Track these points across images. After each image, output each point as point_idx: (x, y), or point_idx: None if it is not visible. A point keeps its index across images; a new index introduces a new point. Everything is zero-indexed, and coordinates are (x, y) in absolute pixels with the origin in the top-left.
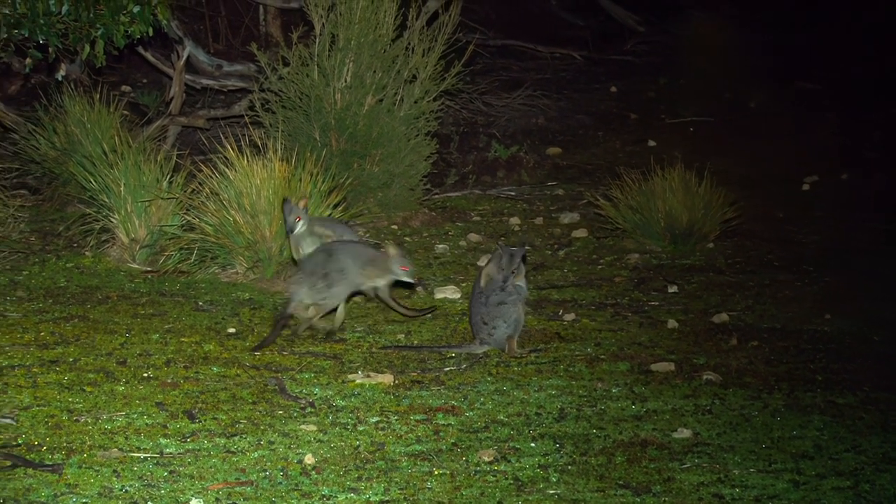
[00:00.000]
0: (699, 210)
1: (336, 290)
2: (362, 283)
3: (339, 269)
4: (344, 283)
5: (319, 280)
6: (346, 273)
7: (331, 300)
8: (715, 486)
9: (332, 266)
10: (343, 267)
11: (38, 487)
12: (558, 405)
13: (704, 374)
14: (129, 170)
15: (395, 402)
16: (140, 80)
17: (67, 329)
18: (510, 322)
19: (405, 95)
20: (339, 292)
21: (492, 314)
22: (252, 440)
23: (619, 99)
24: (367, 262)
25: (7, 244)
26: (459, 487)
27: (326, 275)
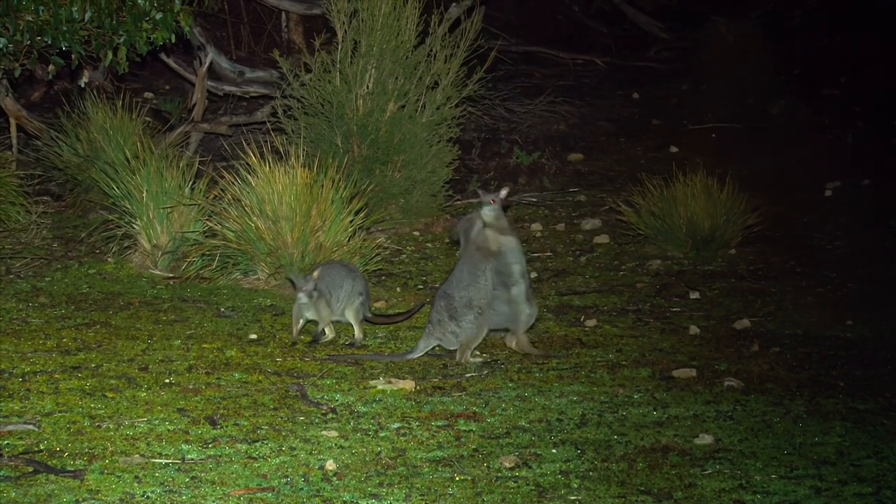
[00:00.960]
0: (721, 216)
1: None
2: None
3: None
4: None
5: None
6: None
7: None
8: (736, 493)
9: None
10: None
11: (60, 493)
12: (580, 411)
13: (726, 381)
14: (151, 176)
15: (416, 408)
16: (162, 86)
17: (89, 335)
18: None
19: (427, 102)
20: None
21: (462, 310)
22: (273, 446)
23: (642, 105)
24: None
25: (30, 250)
26: (481, 493)
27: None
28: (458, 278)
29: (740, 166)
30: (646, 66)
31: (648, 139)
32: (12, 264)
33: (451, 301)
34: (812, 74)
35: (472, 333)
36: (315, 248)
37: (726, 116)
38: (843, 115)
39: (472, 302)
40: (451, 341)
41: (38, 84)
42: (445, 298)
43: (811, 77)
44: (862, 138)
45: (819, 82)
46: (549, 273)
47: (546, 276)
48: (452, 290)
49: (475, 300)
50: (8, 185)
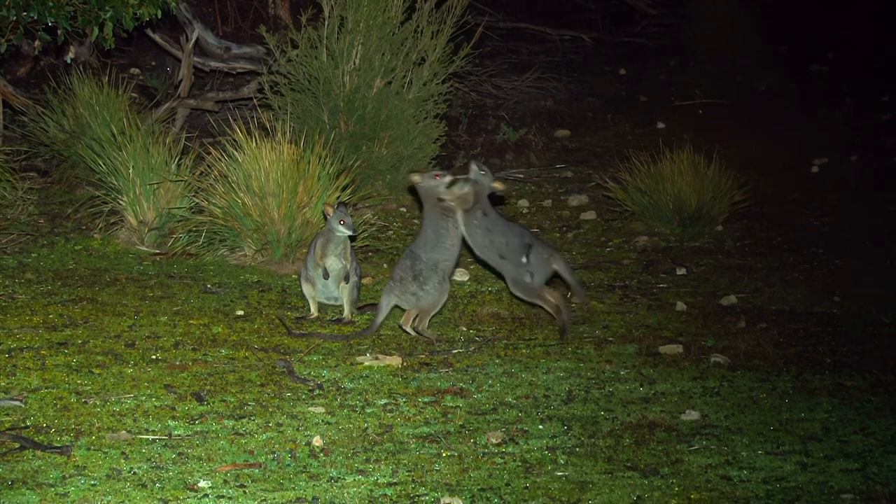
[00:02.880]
0: (708, 192)
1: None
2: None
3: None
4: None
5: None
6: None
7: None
8: (723, 468)
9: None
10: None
11: (47, 469)
12: (566, 387)
13: (712, 357)
14: (137, 152)
15: (403, 385)
16: (149, 62)
17: (76, 311)
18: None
19: (414, 78)
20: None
21: (427, 273)
22: (260, 422)
23: (629, 81)
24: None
25: (16, 226)
26: (467, 469)
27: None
28: (425, 238)
29: (727, 143)
30: (633, 41)
31: (635, 115)
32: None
33: (417, 262)
34: (800, 50)
35: (433, 300)
36: (302, 224)
37: (714, 92)
38: (831, 91)
39: (437, 265)
40: (410, 301)
41: (24, 60)
42: (411, 258)
43: (799, 53)
44: (849, 115)
45: (807, 58)
46: None
47: None
48: (419, 251)
49: (441, 263)
50: None
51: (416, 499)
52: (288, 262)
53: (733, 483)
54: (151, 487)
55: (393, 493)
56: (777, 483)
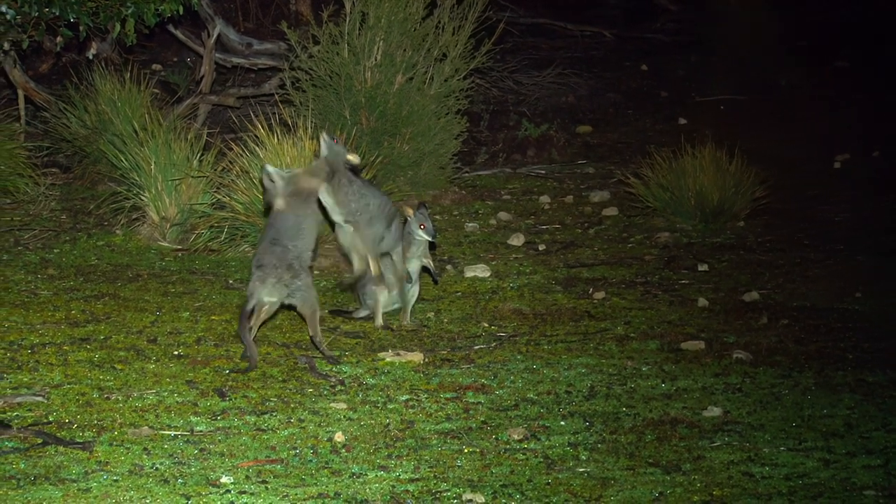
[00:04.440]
0: (730, 188)
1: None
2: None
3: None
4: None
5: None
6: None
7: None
8: (745, 465)
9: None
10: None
11: (69, 465)
12: (588, 383)
13: (734, 353)
14: (159, 148)
15: (424, 381)
16: (170, 58)
17: (98, 307)
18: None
19: (435, 74)
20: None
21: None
22: (282, 418)
23: (650, 77)
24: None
25: (38, 222)
26: (489, 465)
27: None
28: (285, 227)
29: (749, 138)
30: (654, 37)
31: (657, 111)
32: (21, 236)
33: (286, 251)
34: (821, 46)
35: (311, 297)
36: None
37: (735, 88)
38: (853, 86)
39: (300, 256)
40: (281, 293)
41: (47, 56)
42: (279, 245)
43: (820, 48)
44: (871, 110)
45: (828, 54)
46: (558, 245)
47: (554, 248)
48: (284, 240)
49: (303, 253)
50: (16, 156)
51: (437, 495)
52: None
53: (755, 479)
54: (173, 483)
55: (415, 489)
56: (799, 479)
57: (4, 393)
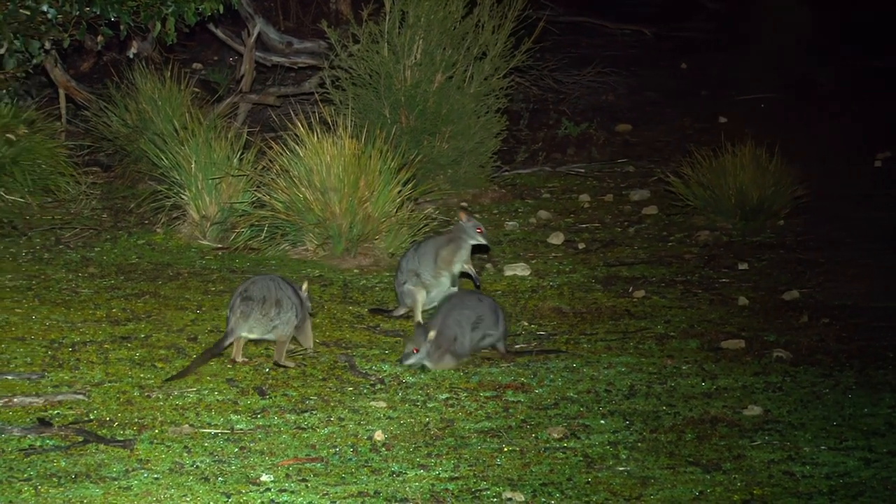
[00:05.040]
0: (770, 187)
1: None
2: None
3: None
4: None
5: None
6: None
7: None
8: (785, 464)
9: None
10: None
11: (110, 463)
12: (628, 382)
13: (775, 352)
14: (199, 147)
15: (464, 379)
16: (211, 57)
17: (139, 305)
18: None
19: (475, 72)
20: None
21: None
22: (322, 416)
23: (690, 75)
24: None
25: (79, 221)
26: (529, 464)
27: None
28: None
29: (789, 136)
30: (693, 35)
31: (697, 109)
32: (62, 235)
33: (278, 291)
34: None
35: (288, 331)
36: (363, 218)
37: (775, 86)
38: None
39: (293, 300)
40: (265, 328)
41: (87, 55)
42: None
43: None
44: None
45: (868, 52)
46: (598, 244)
47: (594, 246)
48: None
49: (296, 301)
50: (57, 155)
51: (477, 493)
52: (350, 256)
53: (796, 479)
54: (214, 481)
55: (454, 488)
56: (840, 479)
57: (45, 391)
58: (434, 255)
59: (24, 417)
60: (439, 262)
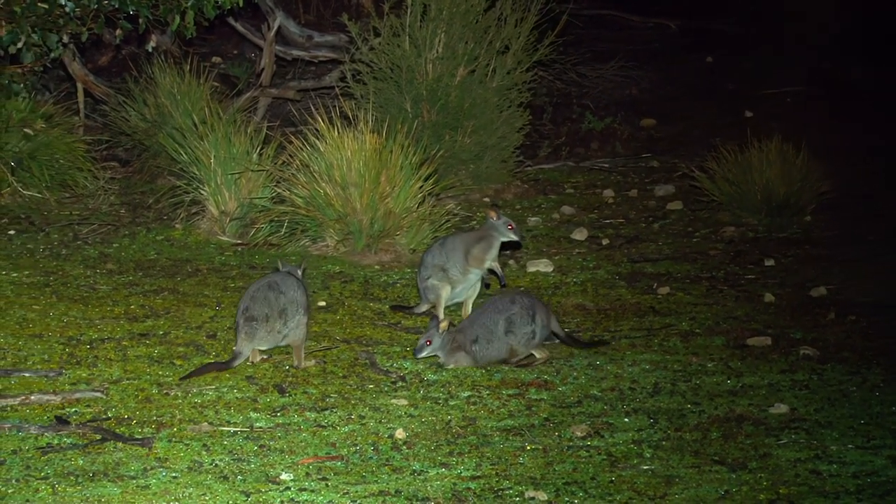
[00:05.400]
0: (796, 182)
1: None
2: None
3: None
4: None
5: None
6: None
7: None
8: (812, 463)
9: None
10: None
11: (128, 461)
12: (652, 380)
13: (801, 349)
14: (219, 142)
15: (486, 377)
16: (230, 51)
17: (157, 302)
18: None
19: (497, 66)
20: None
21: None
22: (342, 414)
23: (715, 69)
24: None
25: (97, 216)
26: (552, 463)
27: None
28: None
29: (816, 132)
30: (719, 28)
31: (722, 104)
32: (80, 230)
33: (280, 297)
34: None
35: (301, 335)
36: (384, 214)
37: (802, 80)
38: None
39: (297, 301)
40: (275, 339)
41: (106, 49)
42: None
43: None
44: None
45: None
46: (622, 240)
47: (618, 242)
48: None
49: (300, 300)
50: (75, 150)
51: (499, 492)
52: (370, 252)
53: (823, 478)
54: (233, 480)
55: (476, 487)
56: (868, 478)
57: (63, 389)
58: (464, 252)
59: (42, 415)
60: (471, 259)
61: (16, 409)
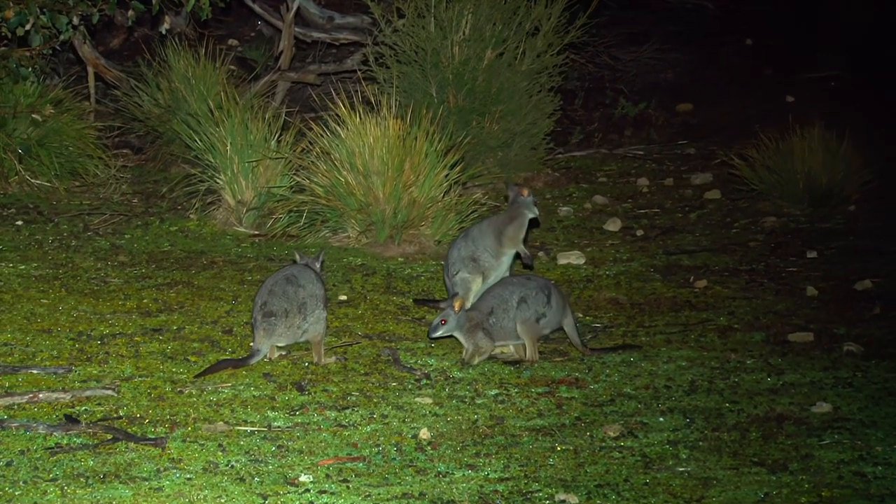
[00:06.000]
0: (840, 171)
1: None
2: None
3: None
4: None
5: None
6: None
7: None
8: (856, 464)
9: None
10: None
11: (141, 462)
12: (689, 377)
13: (845, 345)
14: (235, 128)
15: (515, 374)
16: (247, 33)
17: (171, 296)
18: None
19: (527, 49)
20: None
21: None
22: (364, 413)
23: (755, 52)
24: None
25: (108, 206)
26: (583, 464)
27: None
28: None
29: (861, 118)
30: (759, 9)
31: (762, 88)
32: (90, 221)
33: (299, 291)
34: None
35: (321, 329)
36: (408, 204)
37: (846, 64)
38: None
39: (317, 295)
40: (295, 335)
41: (118, 31)
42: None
43: None
44: None
45: None
46: (657, 231)
47: (653, 233)
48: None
49: (319, 293)
50: (86, 137)
51: (528, 495)
52: (393, 244)
53: (867, 480)
54: (250, 482)
55: (504, 489)
56: None
57: (73, 386)
58: (495, 235)
59: (51, 414)
60: (506, 241)
61: (23, 407)
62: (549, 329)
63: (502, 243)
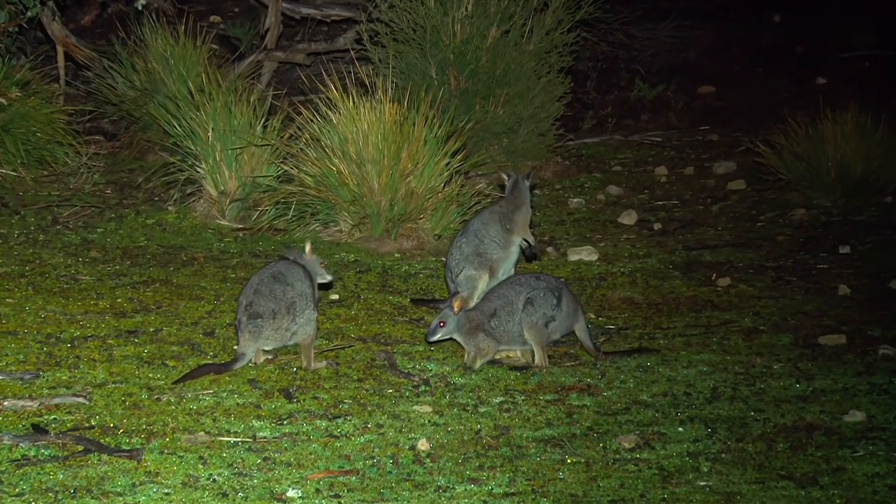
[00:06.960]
0: (875, 159)
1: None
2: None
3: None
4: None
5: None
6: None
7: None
8: (891, 477)
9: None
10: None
11: (115, 475)
12: (710, 384)
13: (880, 348)
14: (218, 113)
15: (521, 380)
16: (231, 9)
17: (147, 295)
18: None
19: (535, 26)
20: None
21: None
22: (357, 423)
23: (784, 29)
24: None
25: (79, 198)
26: (596, 478)
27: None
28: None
29: None
30: None
31: (791, 69)
32: (60, 213)
33: (287, 290)
34: None
35: (311, 331)
36: (405, 195)
37: (882, 42)
38: None
39: (306, 294)
40: (282, 338)
41: (89, 6)
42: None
43: None
44: None
45: None
46: (676, 224)
47: (672, 227)
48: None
49: (307, 292)
50: (55, 122)
51: None
52: (390, 238)
53: None
54: (233, 497)
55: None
56: None
57: (41, 393)
58: (501, 224)
59: (17, 423)
60: (516, 228)
61: None
62: (558, 334)
63: (512, 230)
